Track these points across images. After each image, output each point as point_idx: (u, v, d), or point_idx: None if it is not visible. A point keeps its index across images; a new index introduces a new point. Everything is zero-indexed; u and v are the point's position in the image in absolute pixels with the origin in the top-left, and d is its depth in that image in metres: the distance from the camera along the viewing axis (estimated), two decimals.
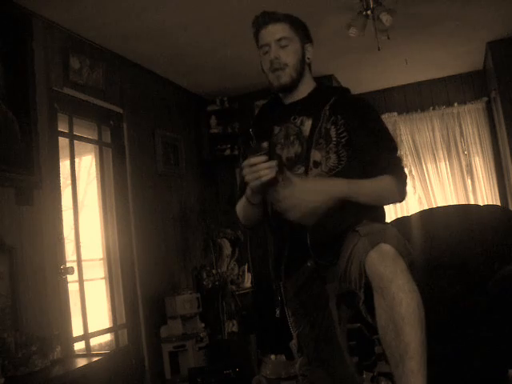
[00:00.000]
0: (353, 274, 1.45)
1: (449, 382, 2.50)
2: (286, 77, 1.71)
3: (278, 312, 1.80)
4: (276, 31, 1.73)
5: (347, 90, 1.83)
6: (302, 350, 1.77)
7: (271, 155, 1.51)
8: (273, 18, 1.74)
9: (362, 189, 1.59)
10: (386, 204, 1.74)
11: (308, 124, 1.70)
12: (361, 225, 1.50)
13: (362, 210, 1.61)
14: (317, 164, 1.65)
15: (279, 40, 1.72)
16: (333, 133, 1.67)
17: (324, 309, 1.69)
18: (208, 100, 5.02)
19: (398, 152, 1.71)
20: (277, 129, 1.77)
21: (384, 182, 1.61)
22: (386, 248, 1.39)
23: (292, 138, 1.72)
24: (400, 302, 1.32)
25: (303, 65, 1.76)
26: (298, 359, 1.80)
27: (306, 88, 1.78)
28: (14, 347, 2.28)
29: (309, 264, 1.66)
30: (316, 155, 1.65)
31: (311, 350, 1.73)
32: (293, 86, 1.75)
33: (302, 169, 1.67)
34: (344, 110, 1.70)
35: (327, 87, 1.92)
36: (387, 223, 1.78)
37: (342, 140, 1.66)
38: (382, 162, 1.64)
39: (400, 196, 1.65)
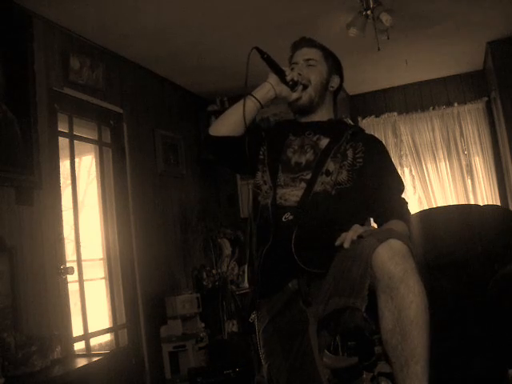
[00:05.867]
0: (350, 282, 1.37)
1: (449, 382, 2.50)
2: (305, 95, 1.76)
3: (252, 316, 1.75)
4: (307, 53, 1.81)
5: (363, 129, 1.89)
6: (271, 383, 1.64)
7: None
8: (308, 43, 1.84)
9: None
10: None
11: (325, 141, 1.74)
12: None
13: (352, 218, 1.60)
14: (329, 173, 1.65)
15: (307, 60, 1.79)
16: (350, 154, 1.70)
17: (302, 336, 1.56)
18: (208, 100, 5.02)
19: (403, 191, 1.76)
20: (292, 137, 1.79)
21: (400, 225, 1.62)
22: (397, 244, 1.32)
23: (307, 147, 1.74)
24: (409, 305, 1.27)
25: (325, 90, 1.81)
26: None
27: (325, 114, 1.82)
28: (14, 347, 2.27)
29: (290, 285, 1.59)
30: (330, 165, 1.66)
31: (283, 382, 1.59)
32: (311, 107, 1.79)
33: (310, 174, 1.67)
34: (365, 140, 1.75)
35: (346, 122, 1.99)
36: None
37: (357, 164, 1.68)
38: (397, 206, 1.68)
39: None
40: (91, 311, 3.31)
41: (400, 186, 1.74)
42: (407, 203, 1.73)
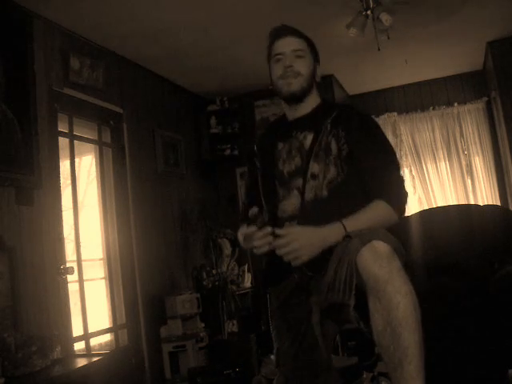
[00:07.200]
0: (342, 279, 1.39)
1: (449, 382, 2.50)
2: (296, 85, 1.74)
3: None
4: (293, 43, 1.77)
5: (350, 107, 1.87)
6: (279, 367, 1.71)
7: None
8: (291, 31, 1.80)
9: (359, 224, 1.53)
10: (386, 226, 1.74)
11: (310, 138, 1.71)
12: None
13: (353, 209, 1.58)
14: (314, 176, 1.65)
15: (296, 50, 1.75)
16: (333, 146, 1.67)
17: (306, 324, 1.62)
18: (208, 100, 5.02)
19: (398, 167, 1.69)
20: (280, 145, 1.78)
21: (379, 208, 1.58)
22: (379, 246, 1.34)
23: (294, 151, 1.74)
24: (397, 306, 1.28)
25: (313, 80, 1.79)
26: (275, 377, 1.75)
27: (310, 103, 1.80)
28: (14, 347, 2.27)
29: (295, 275, 1.63)
30: (314, 167, 1.65)
31: (289, 367, 1.66)
32: (301, 95, 1.77)
33: (300, 181, 1.67)
34: (346, 123, 1.69)
35: (331, 103, 1.93)
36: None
37: (343, 153, 1.65)
38: (379, 182, 1.62)
39: (398, 215, 1.61)
40: (91, 311, 3.31)
41: (387, 158, 1.66)
42: (398, 176, 1.65)
